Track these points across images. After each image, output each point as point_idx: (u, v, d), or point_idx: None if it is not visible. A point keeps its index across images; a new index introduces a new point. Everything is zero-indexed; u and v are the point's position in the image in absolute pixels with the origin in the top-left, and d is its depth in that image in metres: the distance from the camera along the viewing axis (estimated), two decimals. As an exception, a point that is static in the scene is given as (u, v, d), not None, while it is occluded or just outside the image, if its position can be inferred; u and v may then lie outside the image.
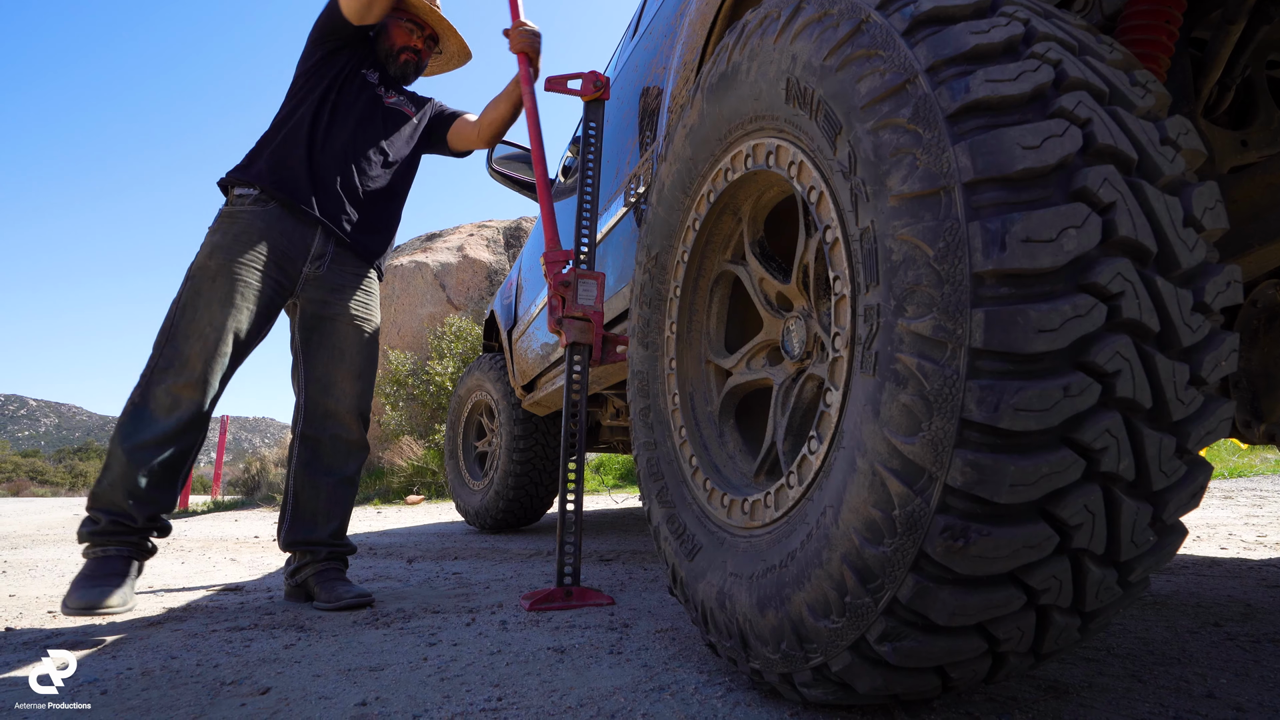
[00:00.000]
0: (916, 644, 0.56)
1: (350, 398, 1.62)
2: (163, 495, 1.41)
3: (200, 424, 1.44)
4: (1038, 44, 0.55)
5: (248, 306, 1.48)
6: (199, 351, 1.42)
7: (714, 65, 0.92)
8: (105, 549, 1.37)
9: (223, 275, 1.47)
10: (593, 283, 1.56)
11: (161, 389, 1.40)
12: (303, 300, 1.62)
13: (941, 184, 0.52)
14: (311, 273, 1.60)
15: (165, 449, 1.39)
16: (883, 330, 0.57)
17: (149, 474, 1.38)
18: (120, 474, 1.37)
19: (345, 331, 1.63)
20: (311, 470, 1.59)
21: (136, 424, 1.39)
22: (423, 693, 0.87)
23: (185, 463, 1.45)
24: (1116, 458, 0.50)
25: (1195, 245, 0.53)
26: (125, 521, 1.38)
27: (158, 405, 1.39)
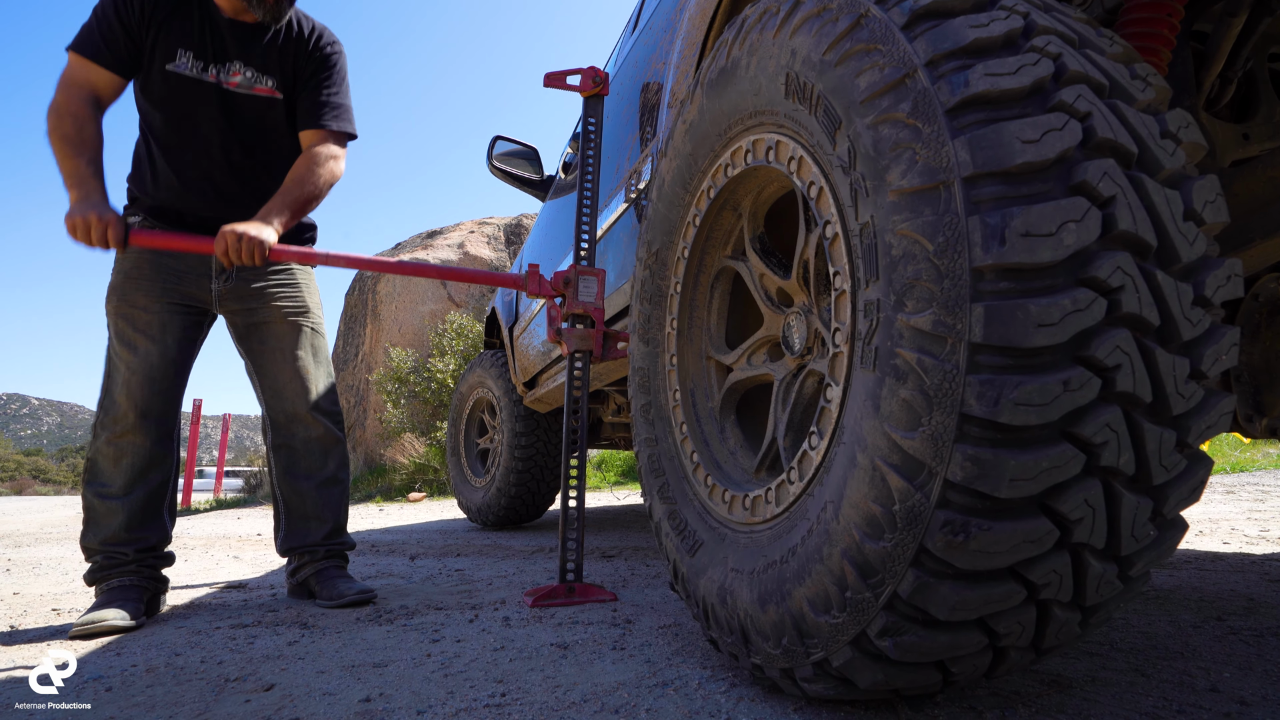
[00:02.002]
0: (917, 639, 0.56)
1: (304, 396, 1.54)
2: (147, 531, 1.43)
3: (157, 461, 1.43)
4: (1037, 37, 0.55)
5: (160, 338, 1.43)
6: (125, 399, 1.40)
7: (714, 60, 0.92)
8: (109, 582, 1.38)
9: (123, 317, 1.43)
10: (593, 280, 1.56)
11: (103, 441, 1.41)
12: (226, 314, 1.55)
13: (941, 179, 0.52)
14: (222, 287, 1.50)
15: (130, 492, 1.41)
16: (883, 325, 0.57)
17: (126, 515, 1.40)
18: (100, 521, 1.40)
19: (281, 332, 1.55)
20: (292, 477, 1.57)
21: (96, 476, 1.42)
22: (426, 689, 0.87)
23: (161, 499, 1.46)
24: (1117, 452, 0.50)
25: (1195, 239, 0.53)
26: (118, 555, 1.40)
27: (105, 459, 1.41)
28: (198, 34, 1.40)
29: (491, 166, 2.63)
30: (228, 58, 1.42)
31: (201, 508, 6.29)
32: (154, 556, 1.44)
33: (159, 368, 1.43)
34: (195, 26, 1.39)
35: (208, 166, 1.46)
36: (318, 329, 1.62)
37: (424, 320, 7.52)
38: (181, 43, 1.38)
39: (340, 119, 1.50)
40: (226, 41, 1.41)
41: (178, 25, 1.38)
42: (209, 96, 1.41)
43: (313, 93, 1.48)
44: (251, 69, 1.43)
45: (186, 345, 1.49)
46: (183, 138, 1.43)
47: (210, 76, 1.41)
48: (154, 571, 1.44)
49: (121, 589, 1.36)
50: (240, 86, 1.43)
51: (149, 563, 1.43)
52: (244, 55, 1.43)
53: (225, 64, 1.42)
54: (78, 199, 1.26)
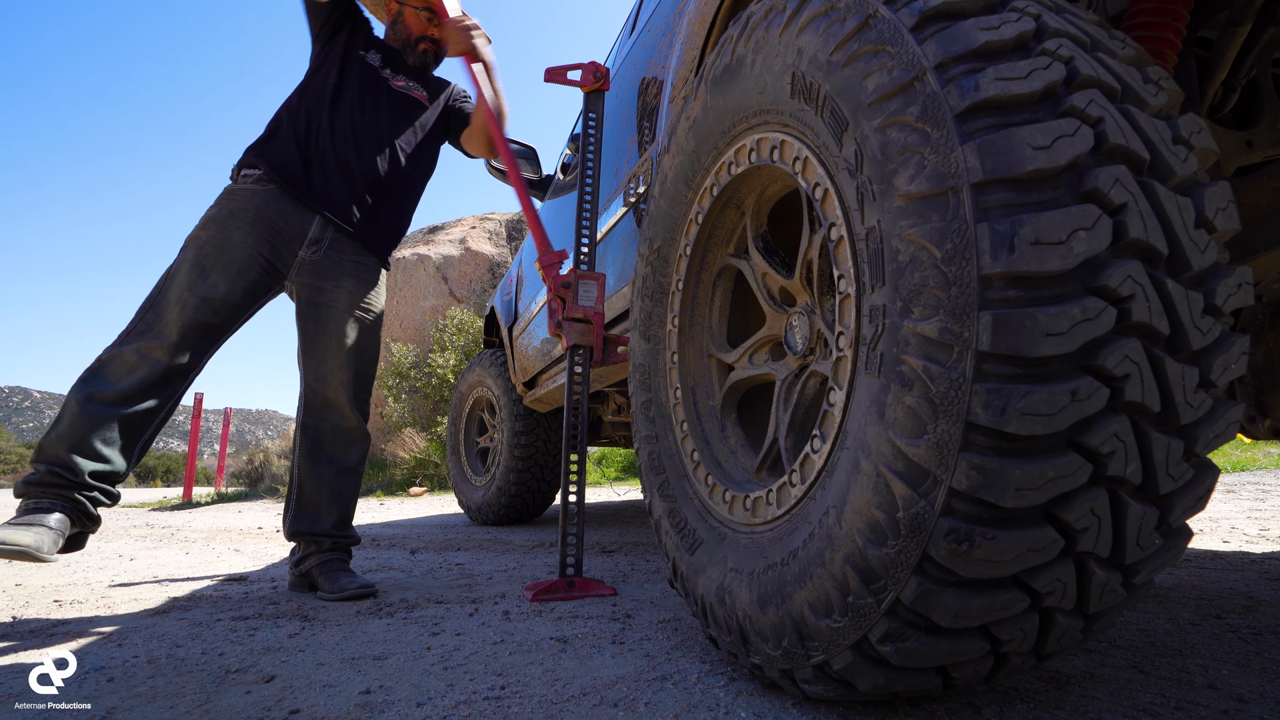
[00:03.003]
0: (919, 645, 0.56)
1: (347, 387, 1.58)
2: (111, 455, 1.32)
3: (163, 386, 1.37)
4: (1049, 40, 0.54)
5: (235, 279, 1.45)
6: (176, 316, 1.38)
7: (718, 56, 0.91)
8: (38, 500, 1.26)
9: (211, 245, 1.44)
10: (593, 284, 1.55)
11: (130, 348, 1.36)
12: (298, 285, 1.58)
13: (949, 184, 0.51)
14: (307, 257, 1.56)
15: (121, 406, 1.33)
16: (888, 331, 0.57)
17: (98, 428, 1.30)
18: (68, 425, 1.30)
19: (341, 320, 1.59)
20: (314, 460, 1.59)
21: (95, 377, 1.34)
22: (426, 681, 0.88)
23: (143, 427, 1.36)
24: (1124, 462, 0.50)
25: (1207, 247, 0.52)
26: (63, 473, 1.28)
27: (122, 362, 1.35)
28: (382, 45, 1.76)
29: (489, 166, 2.62)
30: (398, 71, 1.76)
31: (202, 501, 6.31)
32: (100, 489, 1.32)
33: (219, 302, 1.43)
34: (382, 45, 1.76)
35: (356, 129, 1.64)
36: (376, 326, 1.67)
37: (425, 315, 7.51)
38: (374, 45, 1.74)
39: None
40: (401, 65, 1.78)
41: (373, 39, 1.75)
42: (376, 84, 1.69)
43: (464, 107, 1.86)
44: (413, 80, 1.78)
45: (250, 298, 1.50)
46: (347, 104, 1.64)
47: (385, 73, 1.72)
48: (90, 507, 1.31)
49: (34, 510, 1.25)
50: (403, 89, 1.75)
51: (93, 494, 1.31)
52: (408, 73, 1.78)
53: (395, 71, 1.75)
54: None
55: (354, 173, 1.62)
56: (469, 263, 7.83)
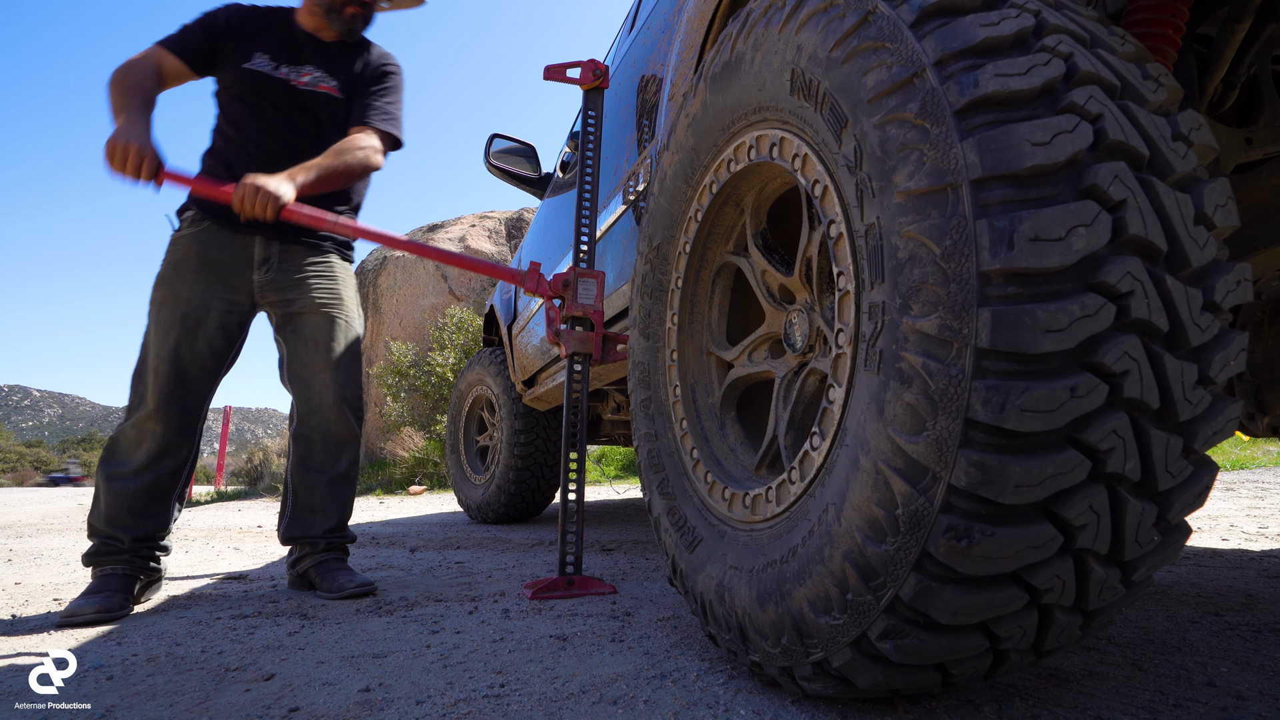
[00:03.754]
0: (918, 642, 0.56)
1: (329, 389, 1.58)
2: (148, 519, 1.45)
3: (172, 450, 1.46)
4: (1048, 36, 0.54)
5: (195, 330, 1.47)
6: (154, 384, 1.44)
7: (718, 54, 0.91)
8: (102, 568, 1.41)
9: (165, 306, 1.47)
10: (593, 281, 1.55)
11: (129, 424, 1.45)
12: (267, 306, 1.59)
13: (949, 181, 0.51)
14: (263, 278, 1.56)
15: (140, 477, 1.44)
16: (887, 328, 0.57)
17: (129, 500, 1.43)
18: (104, 504, 1.44)
19: (314, 323, 1.59)
20: (306, 468, 1.59)
21: (111, 456, 1.46)
22: (426, 679, 0.88)
23: (170, 487, 1.48)
24: (1123, 458, 0.50)
25: (1206, 243, 0.52)
26: (112, 542, 1.42)
27: (126, 440, 1.45)
28: (277, 43, 1.58)
29: (489, 164, 2.62)
30: (301, 62, 1.59)
31: (202, 499, 6.31)
32: (149, 546, 1.46)
33: (188, 359, 1.47)
34: (277, 38, 1.58)
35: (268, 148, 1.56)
36: (351, 322, 1.66)
37: (424, 314, 7.51)
38: (259, 48, 1.56)
39: (387, 121, 1.61)
40: (303, 50, 1.60)
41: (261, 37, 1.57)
42: (278, 90, 1.56)
43: (368, 97, 1.62)
44: (320, 70, 1.60)
45: (223, 341, 1.52)
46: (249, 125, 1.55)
47: (281, 74, 1.56)
48: (146, 562, 1.45)
49: (111, 577, 1.39)
50: (306, 85, 1.58)
51: (143, 552, 1.45)
52: (313, 61, 1.60)
53: (298, 66, 1.58)
54: (123, 124, 1.32)
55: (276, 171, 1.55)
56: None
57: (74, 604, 1.29)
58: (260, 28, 1.59)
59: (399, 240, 1.54)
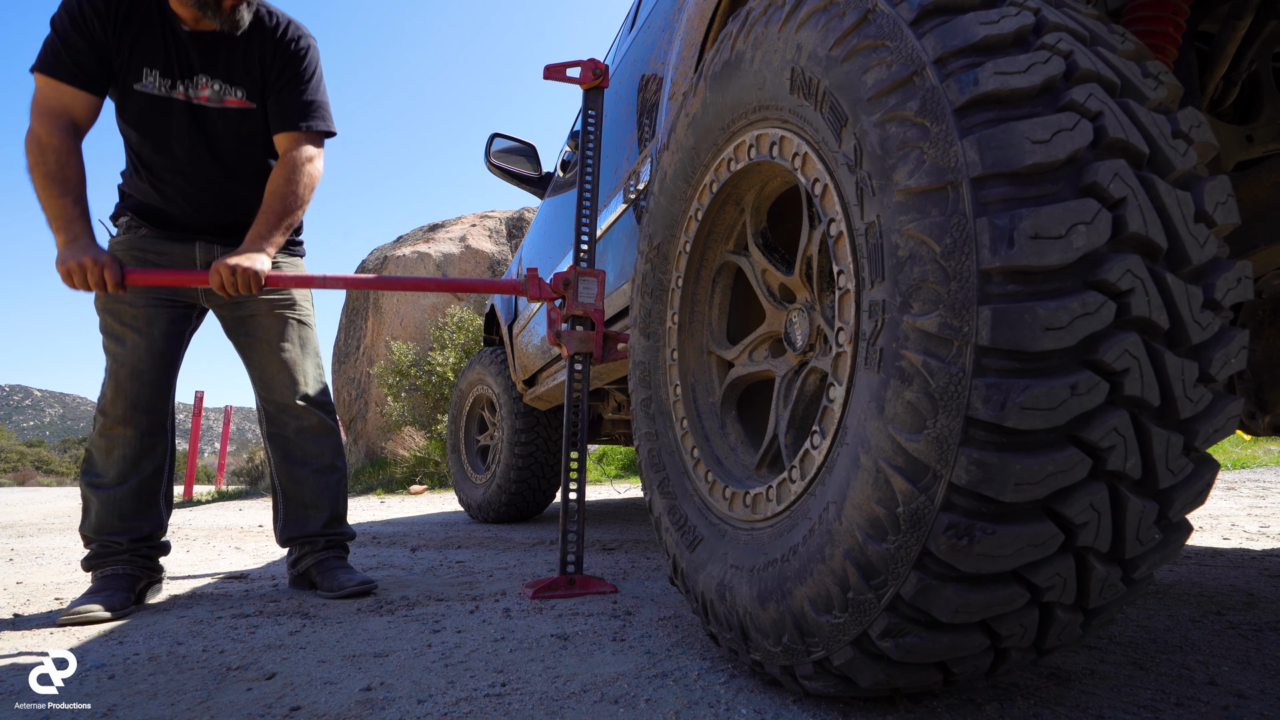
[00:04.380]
0: (919, 640, 0.56)
1: (292, 387, 1.56)
2: (141, 521, 1.45)
3: (148, 452, 1.46)
4: (1048, 34, 0.54)
5: (146, 332, 1.45)
6: (114, 391, 1.44)
7: (718, 52, 0.91)
8: (103, 570, 1.41)
9: (110, 312, 1.45)
10: (593, 280, 1.55)
11: (99, 434, 1.45)
12: (215, 308, 1.57)
13: (949, 179, 0.51)
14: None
15: (123, 483, 1.44)
16: (888, 326, 0.56)
17: (118, 508, 1.43)
18: (93, 513, 1.44)
19: (267, 324, 1.56)
20: (289, 464, 1.59)
21: (91, 467, 1.46)
22: (427, 678, 0.88)
23: (155, 488, 1.48)
24: (1123, 456, 0.50)
25: (1206, 241, 0.52)
26: (112, 544, 1.43)
27: (99, 449, 1.45)
28: (162, 49, 1.35)
29: (489, 164, 2.62)
30: (194, 71, 1.38)
31: (203, 499, 6.31)
32: (148, 546, 1.46)
33: (145, 360, 1.46)
34: (159, 41, 1.35)
35: (184, 184, 1.46)
36: (305, 320, 1.62)
37: (425, 313, 7.51)
38: (147, 60, 1.35)
39: (316, 118, 1.45)
40: (190, 54, 1.37)
41: (141, 40, 1.34)
42: (180, 113, 1.39)
43: (285, 93, 1.43)
44: (219, 81, 1.40)
45: (174, 338, 1.51)
46: (158, 155, 1.42)
47: (179, 94, 1.38)
48: (148, 561, 1.46)
49: (114, 577, 1.39)
50: (210, 100, 1.40)
51: (143, 552, 1.45)
52: (209, 68, 1.39)
53: (192, 78, 1.38)
54: (66, 243, 1.26)
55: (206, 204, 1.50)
56: (469, 261, 7.83)
57: (76, 602, 1.30)
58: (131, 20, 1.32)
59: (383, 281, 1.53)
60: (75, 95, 1.30)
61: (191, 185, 1.46)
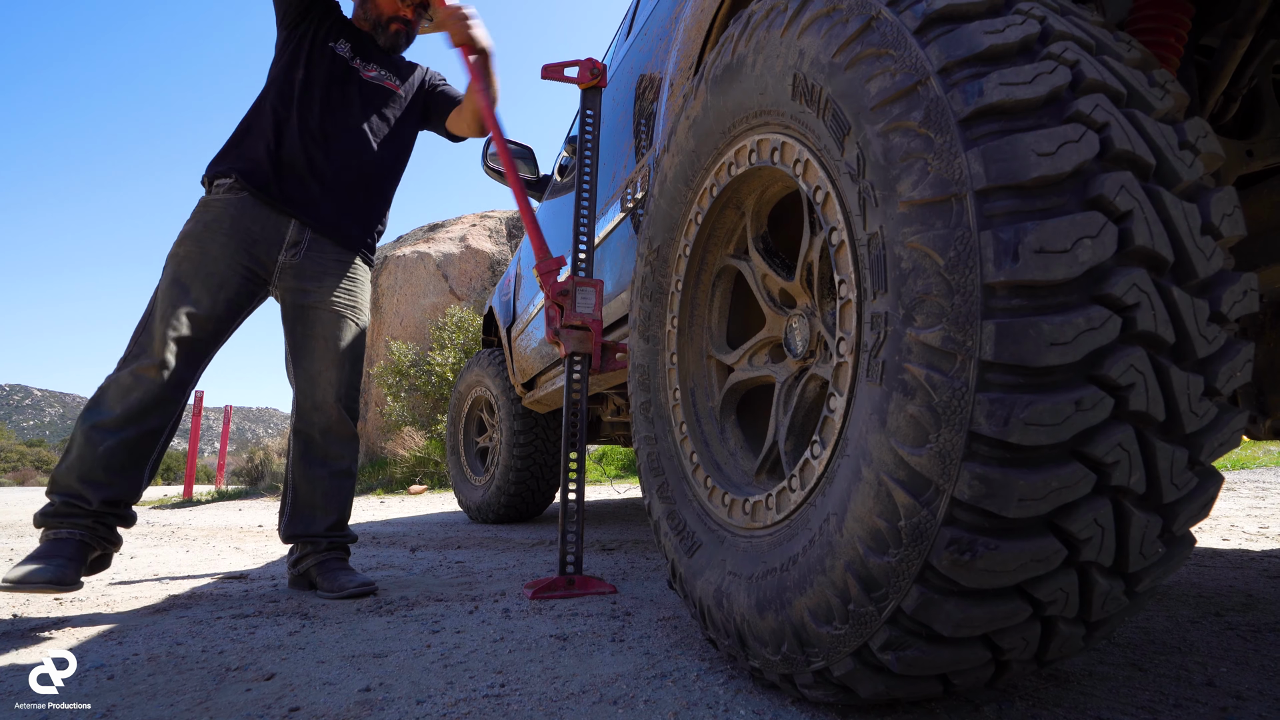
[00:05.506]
0: (920, 653, 0.56)
1: (334, 389, 1.58)
2: (121, 480, 1.36)
3: (163, 404, 1.40)
4: (1054, 43, 0.53)
5: (216, 291, 1.46)
6: (163, 334, 1.40)
7: (719, 55, 0.90)
8: (56, 531, 1.32)
9: (189, 261, 1.46)
10: (591, 290, 1.54)
11: (126, 371, 1.39)
12: (282, 290, 1.59)
13: (953, 191, 0.51)
14: (288, 261, 1.56)
15: (123, 430, 1.36)
16: (890, 339, 0.56)
17: (105, 455, 1.35)
18: (77, 455, 1.35)
19: (327, 320, 1.59)
20: (307, 463, 1.59)
21: (97, 405, 1.38)
22: (426, 679, 0.88)
23: (150, 447, 1.41)
24: (1128, 471, 0.49)
25: (1213, 254, 0.51)
26: (77, 503, 1.33)
27: (119, 387, 1.38)
28: (353, 35, 1.69)
29: (486, 167, 2.61)
30: (370, 58, 1.71)
31: (203, 499, 6.31)
32: (114, 513, 1.37)
33: (203, 317, 1.45)
34: (351, 31, 1.70)
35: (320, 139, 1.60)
36: (361, 325, 1.67)
37: (425, 314, 7.50)
38: (344, 32, 1.68)
39: None
40: (370, 48, 1.72)
41: (342, 25, 1.68)
42: (350, 79, 1.66)
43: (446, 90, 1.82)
44: (383, 69, 1.73)
45: (234, 309, 1.51)
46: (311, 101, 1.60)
47: (355, 63, 1.68)
48: (107, 530, 1.37)
49: (65, 543, 1.30)
50: (375, 79, 1.70)
51: (106, 519, 1.36)
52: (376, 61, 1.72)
53: (367, 61, 1.70)
54: None
55: (325, 172, 1.59)
56: (469, 260, 7.82)
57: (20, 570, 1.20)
58: (339, 16, 1.70)
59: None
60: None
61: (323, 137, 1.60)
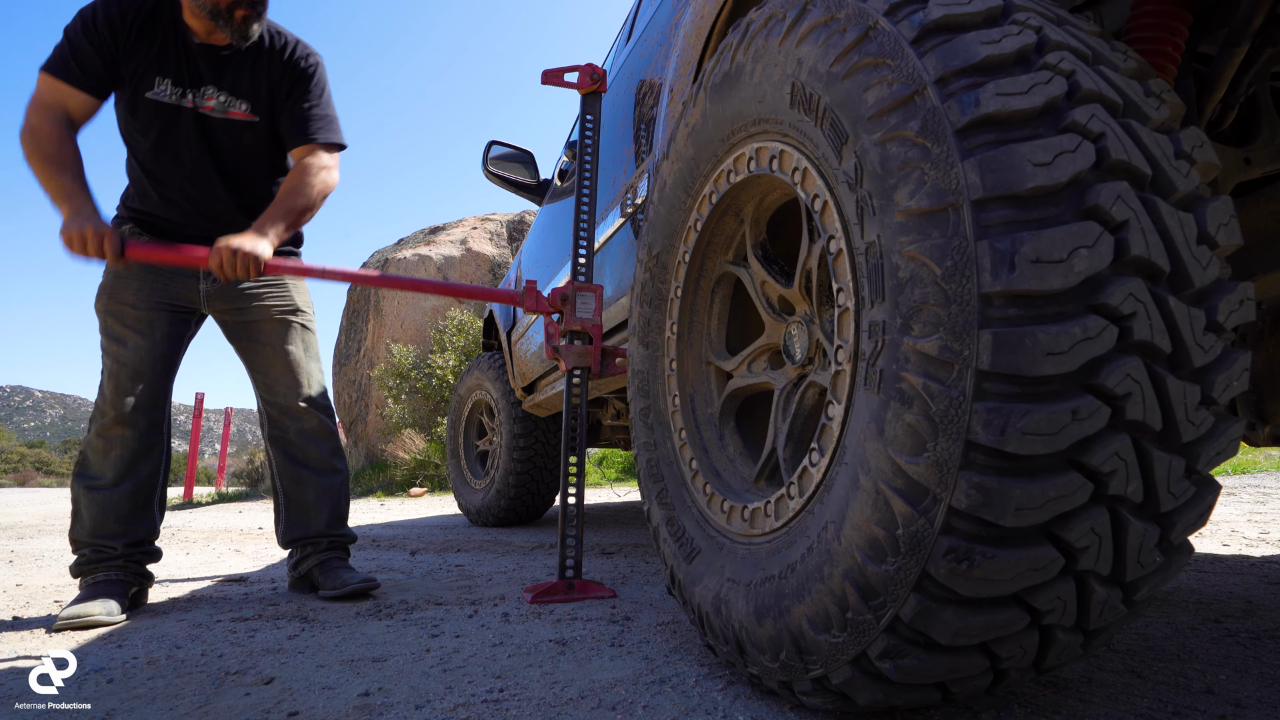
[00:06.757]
0: (918, 662, 0.56)
1: (296, 390, 1.57)
2: (137, 525, 1.44)
3: (145, 453, 1.45)
4: (1050, 53, 0.54)
5: (145, 336, 1.46)
6: (114, 391, 1.43)
7: (718, 63, 0.90)
8: (94, 576, 1.39)
9: (111, 315, 1.46)
10: (591, 296, 1.54)
11: (93, 434, 1.44)
12: (217, 313, 1.58)
13: (950, 201, 0.51)
14: (210, 288, 1.53)
15: (121, 485, 1.43)
16: (888, 348, 0.56)
17: (113, 510, 1.42)
18: (86, 516, 1.42)
19: (269, 330, 1.58)
20: (292, 466, 1.59)
21: (85, 469, 1.44)
22: (425, 683, 0.88)
23: (150, 492, 1.47)
24: (1125, 481, 0.50)
25: (1209, 263, 0.52)
26: (104, 550, 1.41)
27: (95, 451, 1.43)
28: (173, 59, 1.41)
29: (487, 171, 2.62)
30: (202, 82, 1.44)
31: (203, 501, 6.31)
32: (141, 551, 1.45)
33: (146, 362, 1.46)
34: (171, 51, 1.40)
35: (189, 189, 1.49)
36: (308, 325, 1.65)
37: (425, 316, 7.51)
38: (160, 70, 1.40)
39: (328, 131, 1.50)
40: (200, 65, 1.43)
41: (154, 51, 1.39)
42: (187, 121, 1.44)
43: (296, 109, 1.49)
44: (225, 93, 1.45)
45: (174, 342, 1.51)
46: (164, 161, 1.46)
47: (188, 102, 1.43)
48: (139, 567, 1.45)
49: (107, 584, 1.37)
50: (215, 110, 1.45)
51: (135, 558, 1.44)
52: (217, 79, 1.44)
53: (200, 88, 1.44)
54: (70, 213, 1.27)
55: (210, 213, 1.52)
56: (470, 263, 7.83)
57: (72, 610, 1.28)
58: (146, 33, 1.39)
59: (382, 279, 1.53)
60: (74, 94, 1.35)
61: (196, 191, 1.49)
